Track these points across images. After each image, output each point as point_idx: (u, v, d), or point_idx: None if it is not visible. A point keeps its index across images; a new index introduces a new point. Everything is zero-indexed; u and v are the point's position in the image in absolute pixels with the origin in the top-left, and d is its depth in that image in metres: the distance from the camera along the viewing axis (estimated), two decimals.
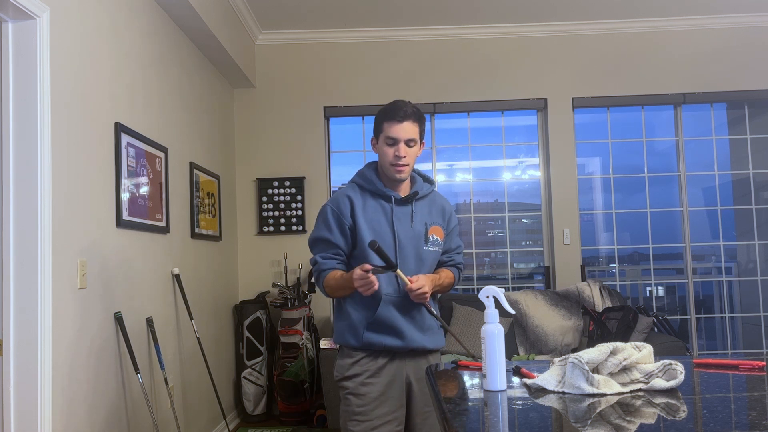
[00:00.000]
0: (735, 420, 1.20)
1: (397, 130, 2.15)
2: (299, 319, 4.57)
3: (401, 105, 2.18)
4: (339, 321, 2.23)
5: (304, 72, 5.12)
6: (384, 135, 2.17)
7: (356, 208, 2.18)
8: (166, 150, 3.47)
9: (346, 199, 2.21)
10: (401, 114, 2.15)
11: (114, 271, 2.82)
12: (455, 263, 2.36)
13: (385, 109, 2.20)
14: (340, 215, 2.18)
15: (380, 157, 2.21)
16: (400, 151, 2.15)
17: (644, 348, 1.43)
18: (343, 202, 2.20)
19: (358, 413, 2.13)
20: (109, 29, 2.86)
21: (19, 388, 2.21)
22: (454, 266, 2.35)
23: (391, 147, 2.15)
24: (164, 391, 3.32)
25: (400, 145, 2.15)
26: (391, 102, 2.22)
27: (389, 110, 2.18)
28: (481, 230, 5.35)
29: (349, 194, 2.22)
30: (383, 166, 2.20)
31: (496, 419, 1.29)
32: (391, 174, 2.18)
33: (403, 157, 2.15)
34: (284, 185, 5.04)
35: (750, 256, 5.26)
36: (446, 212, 2.33)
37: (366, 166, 2.30)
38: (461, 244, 2.41)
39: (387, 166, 2.18)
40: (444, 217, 2.32)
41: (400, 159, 2.15)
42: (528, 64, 5.10)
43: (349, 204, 2.19)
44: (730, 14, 4.98)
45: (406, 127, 2.15)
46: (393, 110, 2.17)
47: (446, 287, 2.29)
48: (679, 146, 5.17)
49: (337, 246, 2.18)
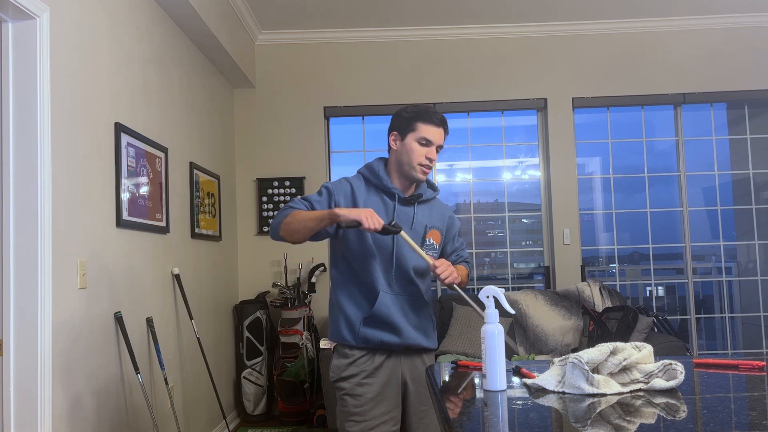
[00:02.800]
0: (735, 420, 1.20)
1: (433, 133, 2.16)
2: (299, 319, 4.58)
3: (435, 110, 2.20)
4: (335, 317, 2.22)
5: (304, 72, 5.12)
6: (418, 134, 2.16)
7: (357, 198, 2.18)
8: (166, 150, 3.47)
9: (347, 184, 2.21)
10: (438, 119, 2.18)
11: (114, 271, 2.82)
12: (464, 259, 2.38)
13: (419, 109, 2.20)
14: (333, 192, 2.17)
15: (403, 154, 2.19)
16: (433, 153, 2.17)
17: (644, 348, 1.43)
18: (342, 185, 2.20)
19: (355, 414, 2.13)
20: (109, 29, 2.86)
21: (19, 388, 2.21)
22: (463, 262, 2.37)
23: (425, 147, 2.17)
24: (164, 391, 3.32)
25: (433, 148, 2.17)
26: (421, 104, 2.22)
27: (425, 111, 2.18)
28: (481, 230, 5.35)
29: (351, 182, 2.22)
30: (406, 163, 2.19)
31: (496, 419, 1.29)
32: (414, 173, 2.18)
33: (433, 160, 2.18)
34: (284, 185, 5.04)
35: (750, 256, 5.26)
36: (446, 217, 2.34)
37: (376, 160, 2.29)
38: (463, 241, 2.43)
39: (412, 165, 2.18)
40: (443, 221, 2.32)
41: (431, 161, 2.17)
42: (528, 64, 5.11)
43: (349, 189, 2.19)
44: (730, 14, 4.98)
45: (441, 133, 2.19)
46: (430, 113, 2.18)
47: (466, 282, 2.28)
48: (679, 146, 5.17)
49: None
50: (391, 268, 2.15)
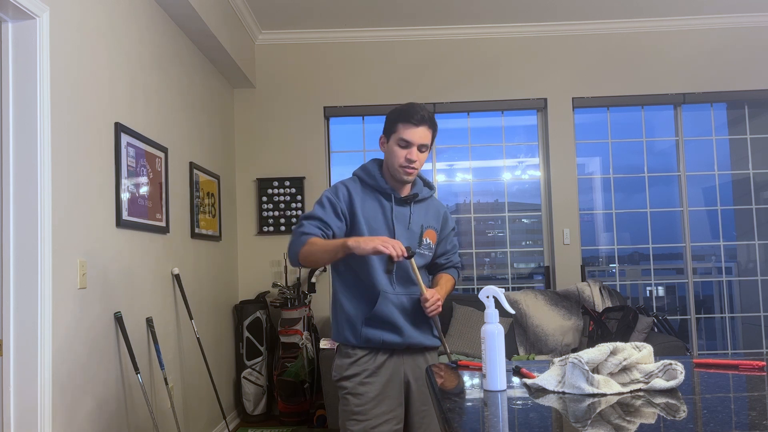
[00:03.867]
0: (735, 420, 1.19)
1: (411, 133, 2.12)
2: (299, 319, 4.58)
3: (418, 108, 2.15)
4: (337, 317, 2.23)
5: (304, 72, 5.12)
6: (397, 136, 2.14)
7: (355, 201, 2.19)
8: (166, 150, 3.47)
9: (344, 188, 2.22)
10: (418, 118, 2.13)
11: (114, 271, 2.82)
12: (453, 264, 2.38)
13: (400, 109, 2.17)
14: (335, 200, 2.18)
15: (389, 157, 2.19)
16: (412, 154, 2.13)
17: (644, 348, 1.43)
18: (341, 190, 2.21)
19: (357, 413, 2.13)
20: (109, 29, 2.86)
21: (19, 388, 2.21)
22: (452, 267, 2.38)
23: (404, 149, 2.14)
24: (164, 391, 3.32)
25: (412, 149, 2.13)
26: (406, 103, 2.19)
27: (405, 112, 2.15)
28: (481, 230, 5.35)
29: (348, 185, 2.23)
30: (391, 166, 2.19)
31: (496, 419, 1.29)
32: (399, 176, 2.18)
33: (414, 162, 2.14)
34: (284, 185, 5.04)
35: (750, 256, 5.26)
36: (441, 216, 2.34)
37: (371, 161, 2.30)
38: (457, 243, 2.43)
39: (395, 168, 2.17)
40: (439, 220, 2.32)
41: (411, 163, 2.14)
42: (528, 64, 5.10)
43: (346, 193, 2.20)
44: (730, 14, 4.98)
45: (421, 132, 2.13)
46: (409, 112, 2.14)
47: (450, 292, 2.34)
48: (679, 146, 5.17)
49: (329, 225, 2.14)
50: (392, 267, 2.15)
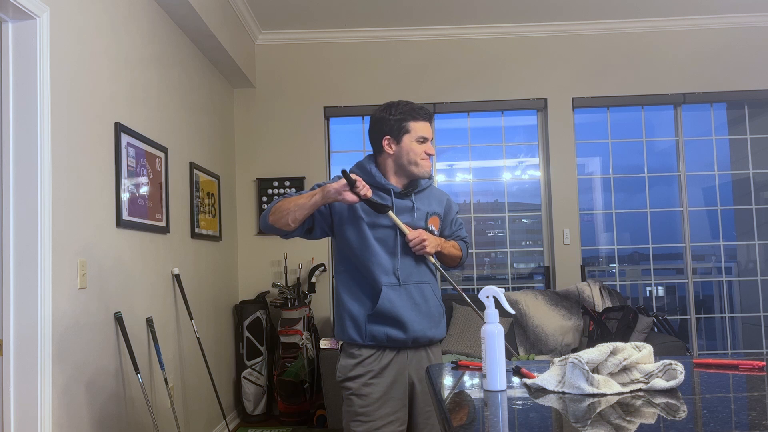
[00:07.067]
0: (735, 420, 1.20)
1: (426, 128, 2.22)
2: (299, 319, 4.58)
3: (419, 106, 2.23)
4: (340, 316, 2.22)
5: (304, 72, 5.12)
6: (414, 134, 2.19)
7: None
8: (166, 150, 3.47)
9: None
10: (425, 113, 2.22)
11: (114, 271, 2.82)
12: (461, 238, 2.40)
13: (404, 109, 2.20)
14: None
15: (404, 155, 2.20)
16: (430, 148, 2.23)
17: (644, 348, 1.43)
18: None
19: (361, 414, 2.13)
20: (109, 29, 2.86)
21: (19, 388, 2.21)
22: (460, 240, 2.39)
23: (422, 144, 2.20)
24: (164, 391, 3.32)
25: (428, 143, 2.22)
26: (404, 102, 2.23)
27: (411, 110, 2.20)
28: (481, 230, 5.35)
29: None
30: (407, 164, 2.20)
31: (496, 419, 1.29)
32: (420, 171, 2.21)
33: (432, 154, 2.24)
34: (284, 185, 5.04)
35: (750, 256, 5.26)
36: (443, 201, 2.36)
37: (366, 158, 2.30)
38: (462, 222, 2.45)
39: (415, 163, 2.20)
40: (442, 206, 2.34)
41: (431, 156, 2.23)
42: (528, 64, 5.10)
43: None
44: (730, 14, 4.98)
45: (430, 126, 2.25)
46: (416, 109, 2.21)
47: (454, 255, 2.32)
48: (679, 146, 5.17)
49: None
50: (395, 260, 2.15)
